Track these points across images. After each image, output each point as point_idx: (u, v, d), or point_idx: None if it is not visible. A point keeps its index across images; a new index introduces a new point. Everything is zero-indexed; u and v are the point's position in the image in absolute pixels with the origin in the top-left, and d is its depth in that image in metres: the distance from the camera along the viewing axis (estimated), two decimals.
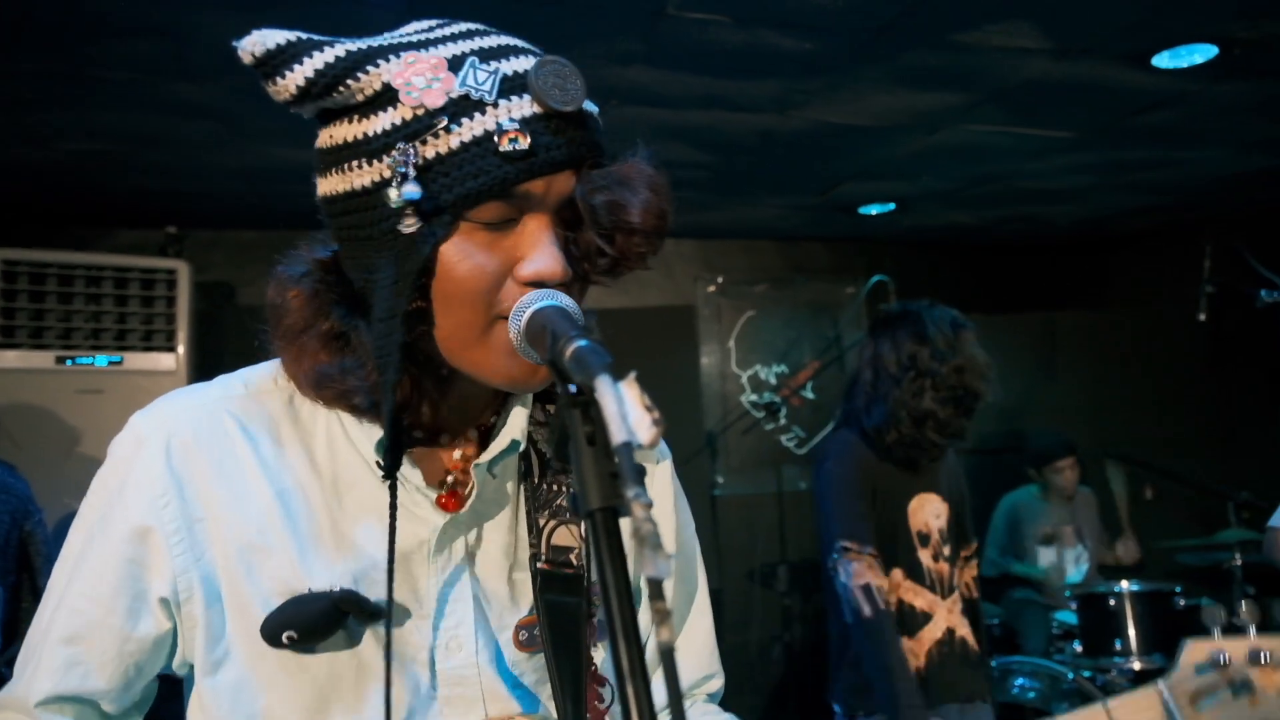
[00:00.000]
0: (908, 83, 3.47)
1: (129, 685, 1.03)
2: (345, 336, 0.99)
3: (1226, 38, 3.18)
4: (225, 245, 5.14)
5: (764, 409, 5.81)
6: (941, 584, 2.73)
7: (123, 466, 1.01)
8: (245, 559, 1.00)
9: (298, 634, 0.96)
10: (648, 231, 0.95)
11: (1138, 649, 4.00)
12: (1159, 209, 5.58)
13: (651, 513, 0.60)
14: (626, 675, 0.64)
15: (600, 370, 0.69)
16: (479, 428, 1.10)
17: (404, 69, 0.90)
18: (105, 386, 4.16)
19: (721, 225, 5.67)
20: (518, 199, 0.91)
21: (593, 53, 3.11)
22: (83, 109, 3.41)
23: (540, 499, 1.09)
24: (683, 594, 1.25)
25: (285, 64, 0.90)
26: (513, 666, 1.07)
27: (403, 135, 0.90)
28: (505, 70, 0.92)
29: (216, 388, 1.07)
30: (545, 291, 0.90)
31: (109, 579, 1.00)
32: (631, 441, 0.64)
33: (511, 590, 1.08)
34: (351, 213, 0.95)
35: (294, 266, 1.02)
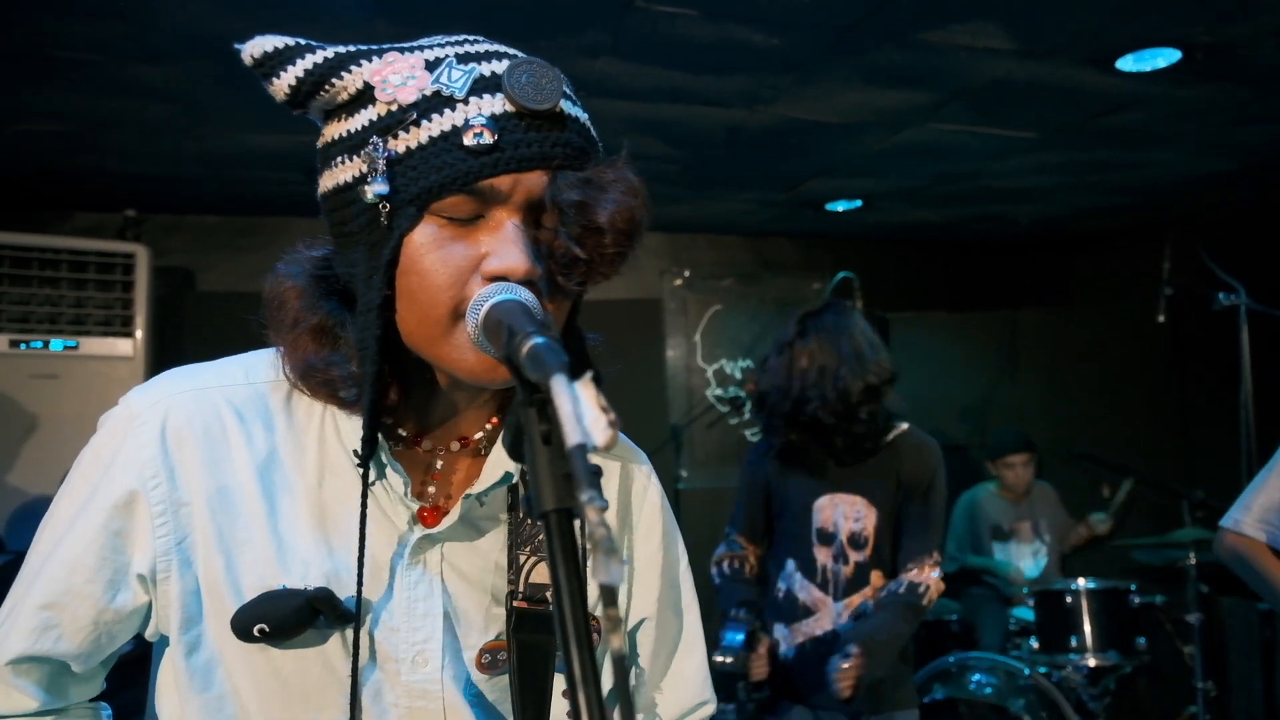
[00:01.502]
0: (875, 81, 3.48)
1: (99, 649, 1.04)
2: (335, 331, 1.00)
3: (1189, 42, 3.21)
4: (185, 230, 5.07)
5: (729, 403, 5.83)
6: (835, 584, 2.73)
7: (115, 442, 1.01)
8: (225, 549, 1.00)
9: (269, 628, 0.97)
10: (616, 231, 0.94)
11: (1093, 646, 4.06)
12: (1121, 210, 5.65)
13: (606, 516, 0.59)
14: (579, 682, 0.63)
15: (556, 369, 0.68)
16: (463, 441, 1.09)
17: (382, 68, 0.93)
18: (61, 371, 4.09)
19: (689, 219, 5.67)
20: (484, 195, 0.91)
21: (561, 44, 3.09)
22: (41, 89, 3.34)
23: (524, 534, 1.09)
24: (675, 625, 1.25)
25: (280, 66, 0.93)
26: (476, 684, 1.07)
27: (376, 130, 0.91)
28: (482, 70, 0.93)
29: (214, 374, 1.07)
30: (504, 285, 0.89)
31: (93, 550, 1.00)
32: (586, 443, 0.63)
33: (483, 616, 1.08)
34: (338, 209, 0.98)
35: (293, 263, 1.04)
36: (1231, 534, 2.43)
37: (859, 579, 2.73)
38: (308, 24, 2.85)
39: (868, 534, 2.74)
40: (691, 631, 1.27)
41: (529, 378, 0.71)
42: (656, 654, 1.22)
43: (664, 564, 1.21)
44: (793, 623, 2.76)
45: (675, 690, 1.24)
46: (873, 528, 2.74)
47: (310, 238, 1.07)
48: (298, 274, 1.02)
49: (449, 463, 1.08)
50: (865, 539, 2.74)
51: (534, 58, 0.94)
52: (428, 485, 1.07)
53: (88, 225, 4.81)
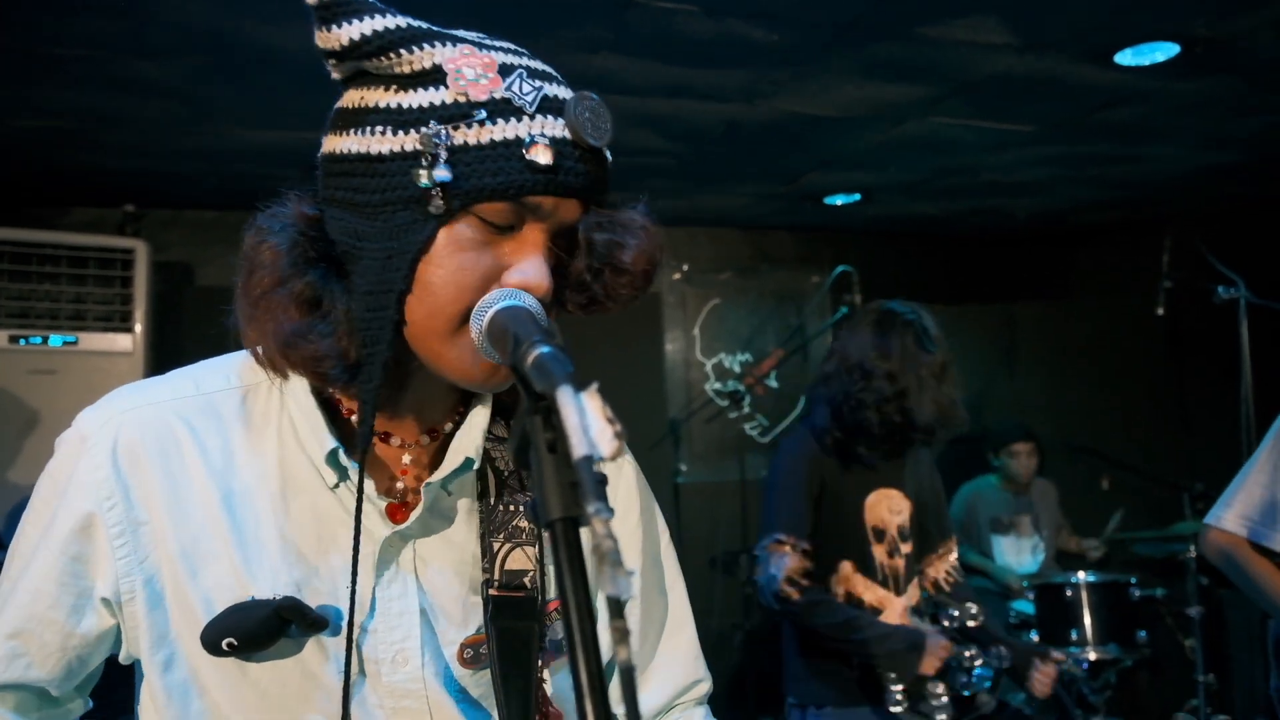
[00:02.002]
0: (874, 75, 3.48)
1: (71, 674, 1.04)
2: (319, 299, 0.95)
3: (1188, 36, 3.21)
4: (184, 225, 5.06)
5: (728, 397, 5.83)
6: (896, 580, 2.72)
7: (68, 465, 1.00)
8: (190, 563, 0.99)
9: (238, 641, 0.96)
10: (636, 274, 0.99)
11: (1093, 639, 4.06)
12: (1120, 203, 5.65)
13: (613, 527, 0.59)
14: (585, 690, 0.63)
15: (562, 380, 0.68)
16: (432, 433, 1.08)
17: (458, 57, 0.92)
18: (60, 367, 4.09)
19: (687, 213, 5.67)
20: (527, 209, 0.93)
21: (561, 39, 3.08)
22: (39, 86, 3.34)
23: (496, 520, 1.08)
24: (660, 605, 1.24)
25: (345, 15, 0.91)
26: (459, 679, 1.06)
27: (438, 116, 0.90)
28: (548, 91, 0.94)
29: (166, 387, 1.05)
30: (509, 291, 0.90)
31: (53, 577, 0.99)
32: (593, 455, 0.63)
33: (461, 608, 1.07)
34: (356, 175, 0.94)
35: (275, 218, 0.97)
36: (1214, 530, 2.46)
37: (911, 571, 2.75)
38: (305, 18, 2.83)
39: (909, 526, 2.76)
40: (679, 610, 1.25)
41: (535, 387, 0.71)
42: (644, 634, 1.21)
43: (644, 542, 1.20)
44: None
45: (667, 670, 1.23)
46: (910, 518, 2.76)
47: (298, 190, 1.01)
48: (280, 230, 0.96)
49: (417, 456, 1.07)
50: (909, 531, 2.75)
51: (592, 94, 0.96)
52: (396, 481, 1.06)
53: (87, 220, 4.81)
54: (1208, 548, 2.50)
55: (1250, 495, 2.41)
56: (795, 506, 2.68)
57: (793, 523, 2.66)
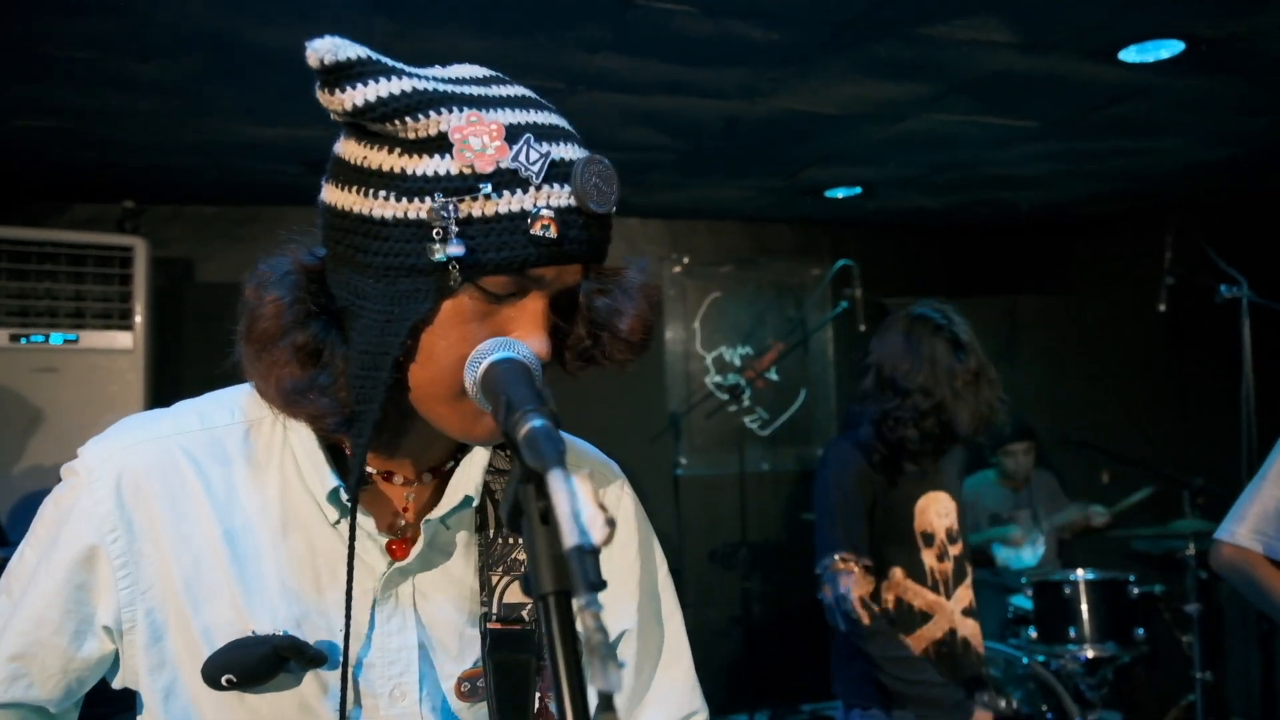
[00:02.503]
0: (875, 73, 3.46)
1: (70, 694, 1.05)
2: (319, 352, 0.97)
3: (1193, 34, 3.19)
4: (184, 220, 5.06)
5: (728, 390, 5.82)
6: (945, 584, 2.69)
7: (71, 495, 1.01)
8: (192, 596, 1.00)
9: (237, 677, 0.97)
10: (632, 343, 1.00)
11: (1091, 636, 4.08)
12: (1122, 196, 5.63)
13: (604, 619, 0.59)
14: None
15: (553, 462, 0.68)
16: (433, 471, 1.09)
17: (465, 125, 0.90)
18: (61, 365, 4.10)
19: (688, 206, 5.65)
20: (529, 279, 0.93)
21: (560, 38, 3.07)
22: (37, 85, 3.33)
23: (494, 554, 1.09)
24: (657, 635, 1.24)
25: (351, 79, 0.89)
26: (455, 713, 1.07)
27: (443, 188, 0.89)
28: (555, 155, 0.92)
29: (170, 421, 1.06)
30: (504, 341, 0.90)
31: (56, 604, 1.00)
32: (584, 544, 0.63)
33: (458, 642, 1.08)
34: (358, 234, 0.93)
35: (276, 266, 0.98)
36: (1227, 546, 2.41)
37: (960, 573, 2.72)
38: (305, 20, 2.83)
39: (956, 528, 2.74)
40: (675, 641, 1.25)
41: (526, 462, 0.72)
42: (640, 666, 1.21)
43: (642, 574, 1.21)
44: (911, 632, 2.65)
45: (663, 701, 1.23)
46: (957, 520, 2.75)
47: (297, 237, 1.02)
48: (280, 281, 0.97)
49: (419, 494, 1.08)
50: (956, 534, 2.73)
51: (601, 158, 0.94)
52: (398, 519, 1.08)
53: (86, 216, 4.80)
54: (1220, 562, 2.44)
55: (1264, 509, 2.36)
56: (851, 523, 2.65)
57: (851, 540, 2.63)
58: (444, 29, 2.95)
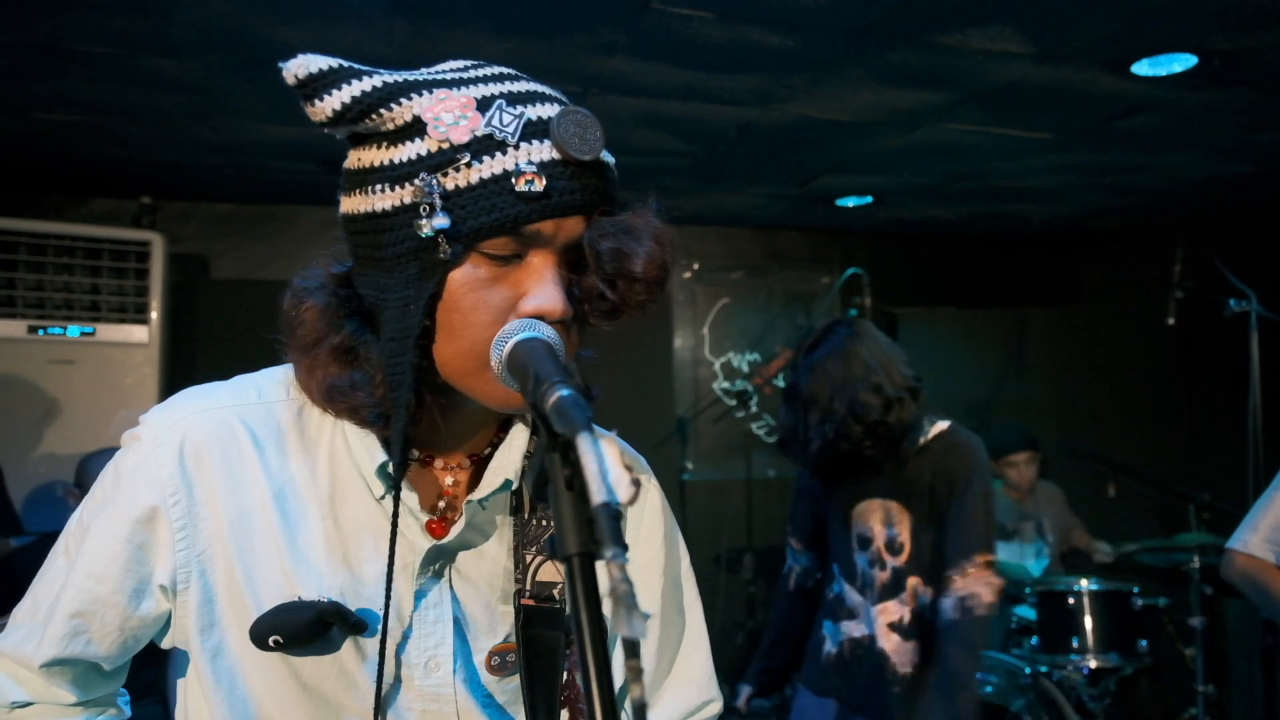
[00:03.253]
0: (890, 81, 3.49)
1: (125, 651, 1.10)
2: (355, 351, 1.03)
3: (1206, 48, 3.21)
4: (200, 217, 5.10)
5: (735, 396, 5.85)
6: (872, 590, 2.71)
7: (136, 459, 1.06)
8: (243, 561, 1.04)
9: (283, 639, 1.01)
10: (649, 281, 1.01)
11: (1094, 646, 4.07)
12: (1133, 210, 5.64)
13: (628, 570, 0.62)
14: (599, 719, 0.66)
15: (582, 426, 0.71)
16: (473, 457, 1.13)
17: (435, 104, 0.94)
18: (77, 357, 4.13)
19: (699, 212, 5.68)
20: (527, 237, 0.95)
21: (576, 42, 3.10)
22: (59, 80, 3.37)
23: (529, 534, 1.13)
24: (678, 625, 1.27)
25: (325, 88, 0.95)
26: (486, 686, 1.12)
27: (426, 166, 0.94)
28: (530, 115, 0.96)
29: (229, 393, 1.11)
30: (528, 322, 0.93)
31: (118, 562, 1.05)
32: (611, 501, 0.65)
33: (490, 618, 1.12)
34: (368, 233, 0.99)
35: (310, 279, 1.06)
36: (1241, 555, 2.41)
37: (895, 585, 2.68)
38: (325, 20, 2.86)
39: (904, 540, 2.68)
40: (694, 630, 1.29)
41: (554, 428, 0.74)
42: (660, 653, 1.24)
43: (666, 564, 1.24)
44: (838, 622, 2.78)
45: (680, 689, 1.26)
46: (909, 533, 2.68)
47: (326, 252, 1.09)
48: (315, 290, 1.05)
49: (460, 477, 1.13)
50: (901, 545, 2.69)
51: (578, 107, 0.97)
52: (440, 499, 1.12)
53: (103, 211, 4.84)
54: (1233, 572, 2.44)
55: (1276, 518, 2.37)
56: (799, 514, 3.01)
57: (796, 527, 3.03)
58: (462, 29, 2.98)
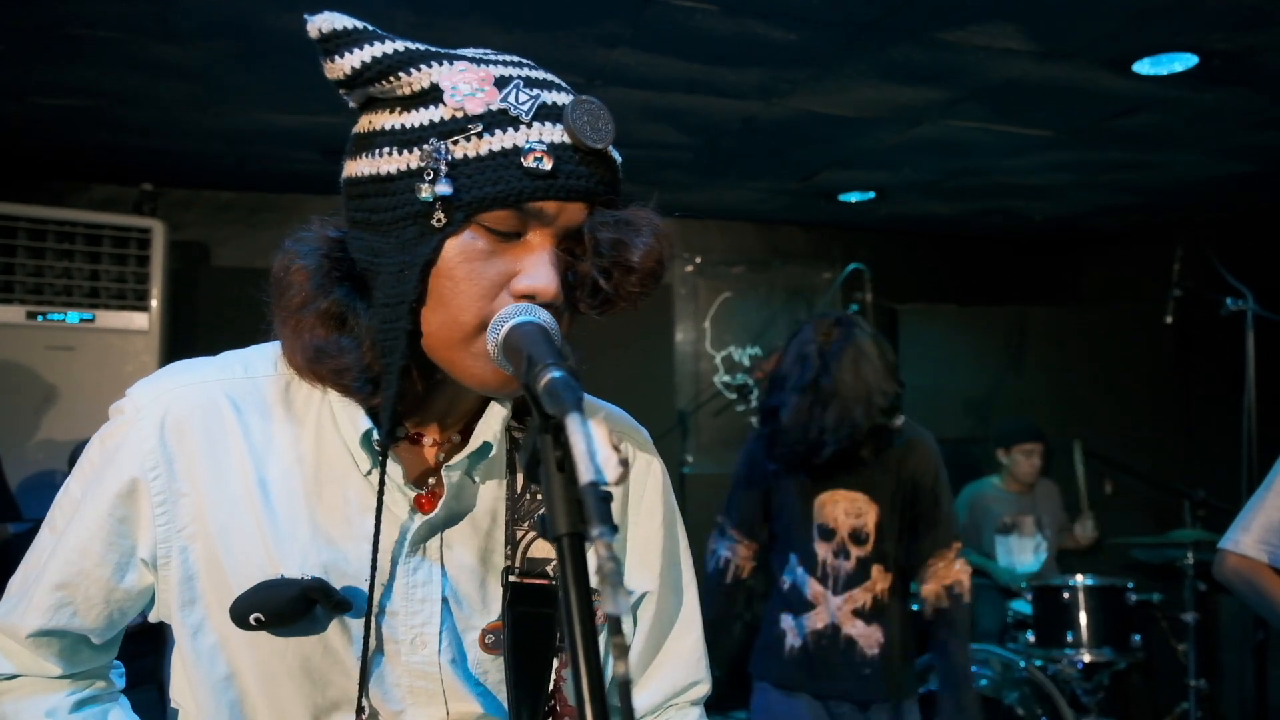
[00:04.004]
0: (892, 77, 3.49)
1: (112, 624, 1.10)
2: (344, 316, 1.01)
3: (1207, 48, 3.22)
4: (201, 205, 5.11)
5: (736, 390, 5.86)
6: (835, 579, 2.76)
7: (120, 433, 1.06)
8: (224, 537, 1.04)
9: (265, 617, 1.00)
10: (644, 273, 1.00)
11: (1088, 641, 4.10)
12: (1133, 209, 5.65)
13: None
14: (586, 698, 0.67)
15: (572, 407, 0.72)
16: (462, 433, 1.12)
17: (454, 74, 0.95)
18: (77, 343, 4.13)
19: (701, 206, 5.69)
20: (529, 215, 0.95)
21: (580, 34, 3.11)
22: (61, 66, 3.37)
23: (521, 510, 1.12)
24: (674, 604, 1.27)
25: (346, 46, 0.96)
26: (475, 666, 1.10)
27: (437, 132, 0.94)
28: (545, 99, 0.96)
29: (215, 367, 1.10)
30: (525, 306, 0.93)
31: (100, 535, 1.05)
32: (598, 481, 0.66)
33: (482, 595, 1.11)
34: (370, 196, 0.99)
35: (302, 242, 1.04)
36: (1232, 555, 2.41)
37: (860, 574, 2.76)
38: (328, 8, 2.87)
39: (868, 530, 2.76)
40: (689, 610, 1.28)
41: (545, 409, 0.75)
42: (653, 630, 1.24)
43: (665, 541, 1.23)
44: (799, 614, 2.80)
45: (669, 668, 1.26)
46: (873, 523, 2.76)
47: (322, 216, 1.07)
48: (307, 253, 1.03)
49: (448, 453, 1.11)
50: (866, 535, 2.76)
51: (592, 98, 0.97)
52: (428, 475, 1.11)
53: (104, 198, 4.85)
54: (1225, 572, 2.43)
55: (1269, 519, 2.36)
56: (742, 501, 2.97)
57: (735, 514, 2.99)
58: (466, 21, 2.99)
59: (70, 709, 1.10)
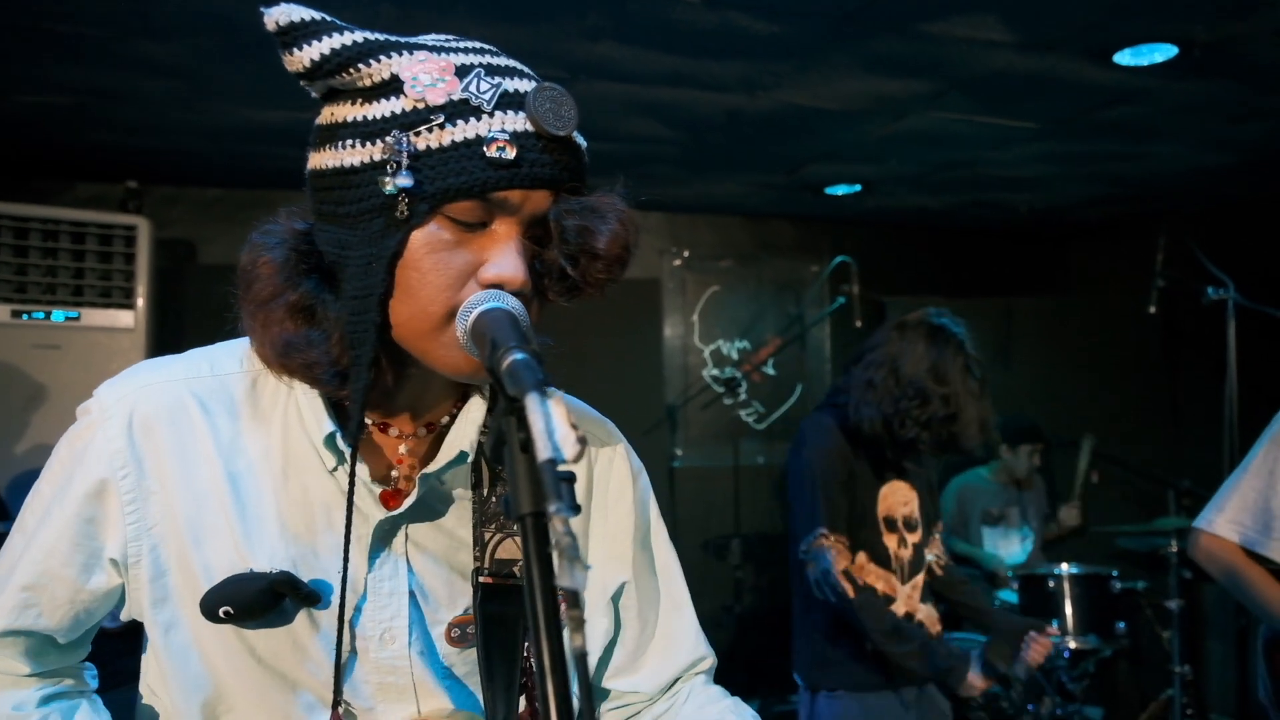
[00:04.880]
0: (876, 69, 3.51)
1: (78, 625, 1.11)
2: (313, 309, 1.01)
3: (1187, 39, 3.24)
4: (186, 202, 5.09)
5: (724, 384, 5.87)
6: (903, 569, 2.78)
7: (88, 434, 1.06)
8: (194, 534, 1.05)
9: (234, 610, 1.02)
10: (610, 259, 1.01)
11: (1074, 629, 4.13)
12: (1117, 200, 5.68)
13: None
14: (547, 672, 0.68)
15: (531, 387, 0.73)
16: (429, 426, 1.12)
17: (414, 65, 0.95)
18: (62, 342, 4.11)
19: (688, 200, 5.70)
20: (494, 204, 0.95)
21: (563, 27, 3.11)
22: (44, 62, 3.36)
23: (488, 512, 1.12)
24: (653, 587, 1.27)
25: (304, 38, 0.95)
26: (444, 658, 1.12)
27: (399, 124, 0.93)
28: (507, 87, 0.96)
29: (182, 366, 1.11)
30: (493, 293, 0.94)
31: (67, 536, 1.06)
32: (556, 458, 0.67)
33: (450, 590, 1.12)
34: (335, 189, 0.98)
35: (270, 234, 1.04)
36: (1205, 534, 2.44)
37: (918, 561, 2.82)
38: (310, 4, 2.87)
39: (916, 517, 2.82)
40: (675, 592, 1.29)
41: (507, 391, 0.76)
42: (643, 616, 1.25)
43: (635, 528, 1.24)
44: None
45: (668, 650, 1.26)
46: (918, 510, 2.84)
47: (289, 208, 1.07)
48: (274, 246, 1.02)
49: (414, 447, 1.12)
50: (916, 522, 2.82)
51: (555, 84, 0.97)
52: (392, 469, 1.11)
53: (89, 196, 4.83)
54: (1198, 551, 2.46)
55: (1244, 500, 2.40)
56: (830, 500, 2.73)
57: (830, 516, 2.71)
58: (449, 14, 2.99)
59: (38, 703, 1.10)
